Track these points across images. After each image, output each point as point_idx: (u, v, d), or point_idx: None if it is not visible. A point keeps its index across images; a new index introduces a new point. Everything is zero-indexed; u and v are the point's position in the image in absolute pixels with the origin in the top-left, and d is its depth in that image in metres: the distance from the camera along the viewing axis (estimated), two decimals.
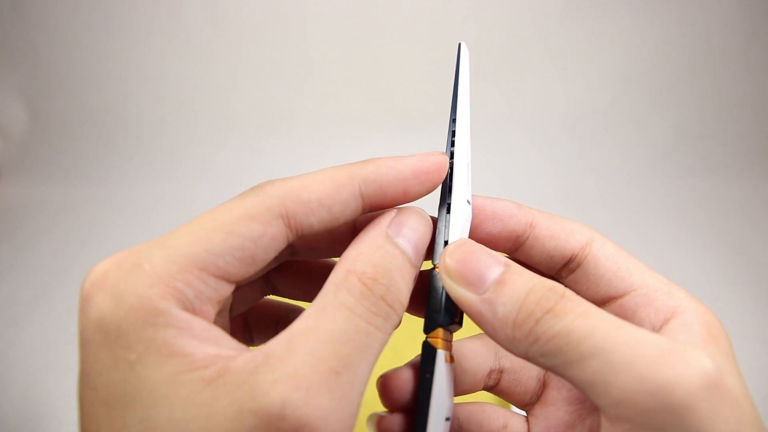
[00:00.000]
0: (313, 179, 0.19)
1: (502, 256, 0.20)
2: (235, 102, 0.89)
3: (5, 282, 0.64)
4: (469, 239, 0.21)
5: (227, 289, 0.18)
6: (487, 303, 0.18)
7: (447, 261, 0.19)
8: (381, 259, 0.18)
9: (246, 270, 0.18)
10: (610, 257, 0.22)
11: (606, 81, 0.87)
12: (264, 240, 0.18)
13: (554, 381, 0.24)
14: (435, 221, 0.22)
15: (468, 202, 0.22)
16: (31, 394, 0.49)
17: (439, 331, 0.20)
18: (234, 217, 0.17)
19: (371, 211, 0.20)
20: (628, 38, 0.85)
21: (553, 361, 0.17)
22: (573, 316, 0.17)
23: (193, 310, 0.17)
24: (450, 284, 0.19)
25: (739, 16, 0.84)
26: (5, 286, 0.64)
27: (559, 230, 0.22)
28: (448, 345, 0.21)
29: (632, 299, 0.21)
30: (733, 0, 0.83)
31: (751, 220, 0.76)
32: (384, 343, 0.17)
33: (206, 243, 0.17)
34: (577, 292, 0.20)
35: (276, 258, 0.19)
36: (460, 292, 0.19)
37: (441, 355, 0.20)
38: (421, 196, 0.20)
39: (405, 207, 0.20)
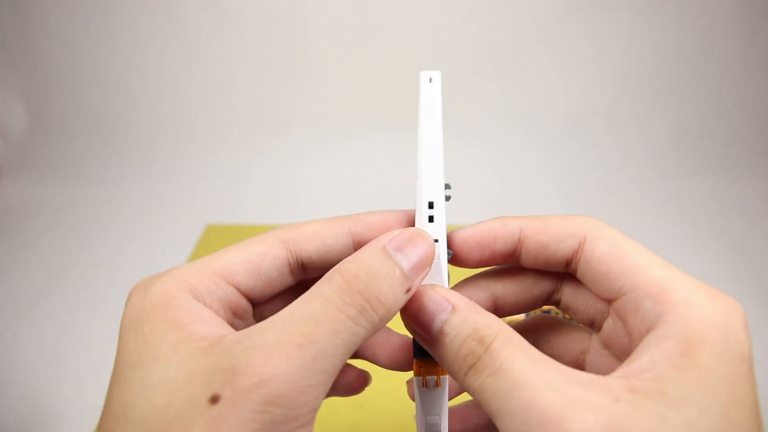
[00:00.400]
0: (311, 221, 0.24)
1: (455, 297, 0.21)
2: (235, 102, 0.89)
3: (5, 282, 0.64)
4: (425, 286, 0.22)
5: (237, 296, 0.22)
6: (434, 350, 0.21)
7: (403, 311, 0.21)
8: (367, 263, 0.20)
9: (253, 281, 0.22)
10: (601, 259, 0.21)
11: (606, 81, 0.87)
12: (267, 257, 0.23)
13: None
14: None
15: (436, 240, 0.22)
16: (31, 394, 0.49)
17: (415, 362, 0.23)
18: (247, 242, 0.23)
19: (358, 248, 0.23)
20: (628, 38, 0.85)
21: (483, 408, 0.19)
22: (486, 375, 0.18)
23: (205, 304, 0.21)
24: (408, 324, 0.22)
25: (739, 16, 0.84)
26: (5, 286, 0.64)
27: (549, 239, 0.23)
28: (429, 371, 0.23)
29: (623, 304, 0.21)
30: (733, 0, 0.83)
31: (751, 220, 0.76)
32: (359, 336, 0.19)
33: (222, 256, 0.22)
34: (586, 290, 0.23)
35: (287, 280, 0.24)
36: (418, 337, 0.21)
37: (415, 381, 0.23)
38: None
39: (409, 228, 0.22)
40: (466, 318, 0.20)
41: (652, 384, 0.17)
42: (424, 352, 0.22)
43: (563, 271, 0.24)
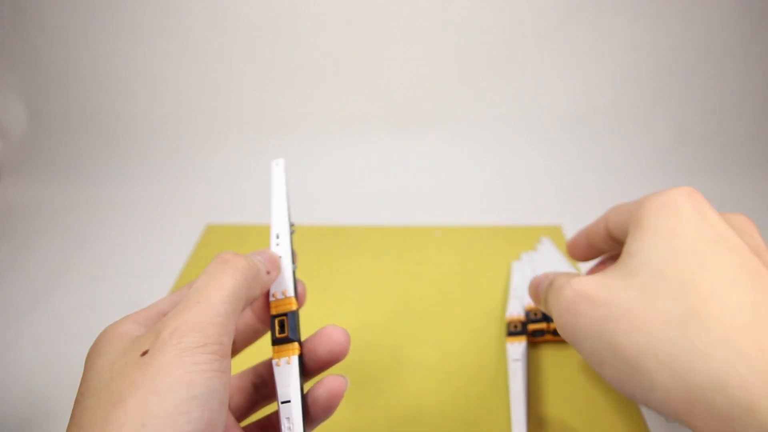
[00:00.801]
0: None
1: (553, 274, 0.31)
2: (236, 102, 0.89)
3: (5, 282, 0.64)
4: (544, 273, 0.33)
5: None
6: (544, 299, 0.31)
7: (529, 290, 0.35)
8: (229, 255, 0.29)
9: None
10: (617, 209, 0.34)
11: (606, 81, 0.87)
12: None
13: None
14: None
15: None
16: (31, 394, 0.49)
17: (273, 348, 0.29)
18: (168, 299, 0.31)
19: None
20: (628, 38, 0.85)
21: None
22: (558, 284, 0.29)
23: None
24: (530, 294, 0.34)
25: (739, 16, 0.84)
26: (5, 286, 0.64)
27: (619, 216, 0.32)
28: (280, 354, 0.29)
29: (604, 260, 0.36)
30: (733, 0, 0.83)
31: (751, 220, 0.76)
32: (238, 284, 0.27)
33: (164, 302, 0.30)
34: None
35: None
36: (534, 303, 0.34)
37: (273, 363, 0.29)
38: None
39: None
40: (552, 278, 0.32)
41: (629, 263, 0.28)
42: (276, 337, 0.29)
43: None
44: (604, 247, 0.35)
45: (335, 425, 0.44)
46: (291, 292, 0.31)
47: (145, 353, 0.22)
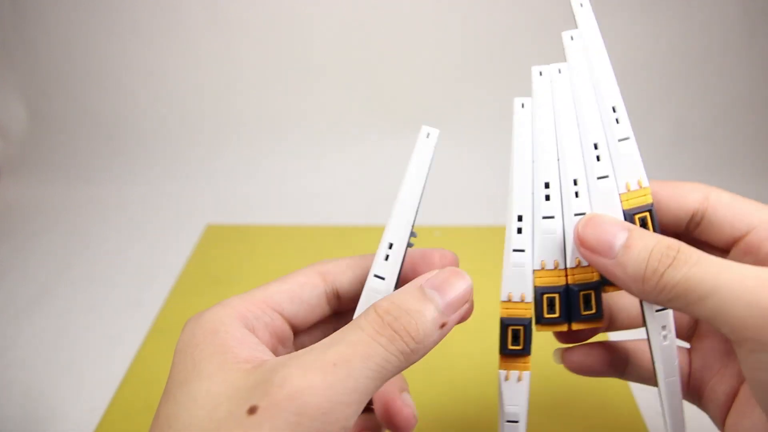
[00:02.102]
0: (349, 257, 0.27)
1: (625, 223, 0.24)
2: (236, 103, 0.89)
3: (5, 282, 0.64)
4: (595, 213, 0.25)
5: (281, 322, 0.25)
6: (618, 266, 0.23)
7: (580, 236, 0.24)
8: (402, 300, 0.22)
9: (296, 308, 0.25)
10: (728, 205, 0.26)
11: None
12: (307, 287, 0.25)
13: None
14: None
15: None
16: (31, 394, 0.49)
17: (500, 357, 0.27)
18: (289, 275, 0.26)
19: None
20: (628, 38, 0.85)
21: (679, 303, 0.21)
22: (689, 266, 0.21)
23: (253, 330, 0.23)
24: (586, 254, 0.24)
25: (739, 16, 0.84)
26: (5, 286, 0.64)
27: (677, 194, 0.27)
28: (511, 366, 0.26)
29: (755, 235, 0.25)
30: (733, 0, 0.83)
31: None
32: (390, 363, 0.20)
33: (267, 287, 0.25)
34: (707, 240, 0.27)
35: (324, 309, 0.26)
36: (595, 260, 0.24)
37: (499, 374, 0.26)
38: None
39: (448, 268, 0.24)
40: (644, 234, 0.23)
41: None
42: (507, 346, 0.26)
43: (683, 230, 0.27)
44: None
45: None
46: (529, 297, 0.26)
47: (253, 411, 0.18)
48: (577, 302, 0.26)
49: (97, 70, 0.87)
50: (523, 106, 0.28)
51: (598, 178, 0.26)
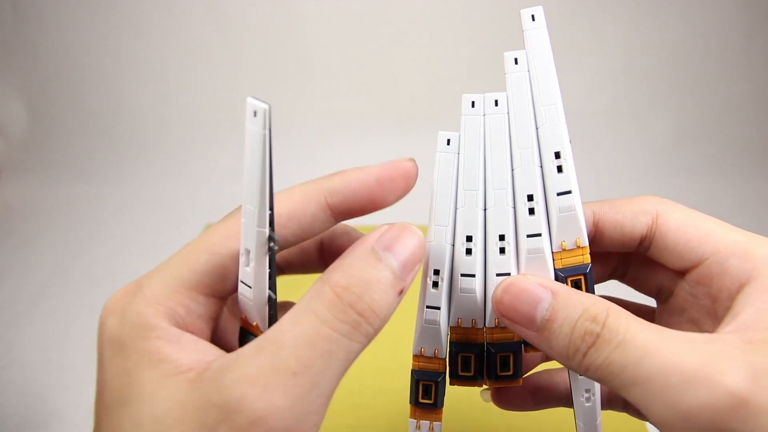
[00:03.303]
0: (283, 195, 0.21)
1: (550, 282, 0.21)
2: (236, 102, 0.89)
3: (5, 282, 0.64)
4: (516, 277, 0.21)
5: (217, 304, 0.21)
6: (541, 340, 0.20)
7: (498, 305, 0.21)
8: (359, 270, 0.19)
9: (231, 285, 0.21)
10: (678, 230, 0.23)
11: (606, 81, 0.87)
12: (237, 256, 0.20)
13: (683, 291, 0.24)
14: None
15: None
16: (31, 394, 0.49)
17: (411, 407, 0.24)
18: (215, 239, 0.20)
19: (342, 220, 0.22)
20: (628, 38, 0.85)
21: (605, 384, 0.19)
22: (611, 348, 0.18)
23: (185, 327, 0.20)
24: (507, 323, 0.21)
25: (739, 16, 0.84)
26: (5, 286, 0.64)
27: (622, 218, 0.24)
28: (424, 417, 0.24)
29: (707, 268, 0.22)
30: (733, 0, 0.83)
31: (751, 220, 0.76)
32: (354, 351, 0.18)
33: (193, 264, 0.20)
34: (659, 263, 0.24)
35: None
36: (516, 329, 0.21)
37: (409, 423, 0.24)
38: (390, 204, 0.21)
39: (396, 223, 0.21)
40: (570, 300, 0.20)
41: (765, 334, 0.18)
42: (418, 399, 0.24)
43: (634, 251, 0.24)
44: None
45: (336, 425, 0.44)
46: (443, 353, 0.23)
47: None
48: (494, 362, 0.24)
49: (97, 70, 0.87)
50: (448, 142, 0.24)
51: (529, 235, 0.22)
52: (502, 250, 0.23)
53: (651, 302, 0.27)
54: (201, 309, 0.20)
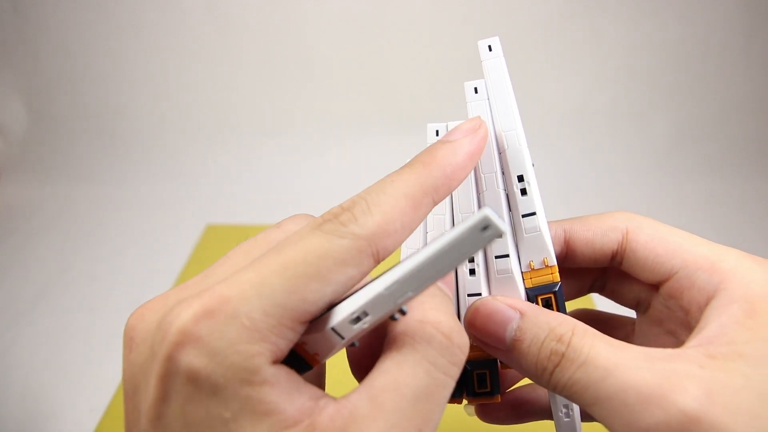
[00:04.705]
0: (391, 205, 0.18)
1: (518, 303, 0.21)
2: (236, 102, 0.89)
3: (5, 282, 0.64)
4: (485, 299, 0.22)
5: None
6: (512, 359, 0.21)
7: (469, 326, 0.21)
8: (447, 311, 0.18)
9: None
10: (647, 245, 0.23)
11: (606, 81, 0.87)
12: (357, 282, 0.18)
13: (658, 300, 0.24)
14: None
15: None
16: (31, 394, 0.49)
17: None
18: (329, 264, 0.17)
19: None
20: (628, 38, 0.85)
21: (573, 402, 0.19)
22: (574, 368, 0.19)
23: (280, 358, 0.17)
24: (478, 343, 0.22)
25: (739, 16, 0.84)
26: (5, 286, 0.64)
27: (594, 235, 0.24)
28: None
29: (677, 282, 0.22)
30: (733, 0, 0.83)
31: (751, 220, 0.76)
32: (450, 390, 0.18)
33: (303, 292, 0.16)
34: (632, 277, 0.24)
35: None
36: (488, 350, 0.22)
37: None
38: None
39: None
40: (537, 321, 0.20)
41: (727, 348, 0.18)
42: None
43: (607, 266, 0.25)
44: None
45: None
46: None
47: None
48: (471, 380, 0.24)
49: (97, 70, 0.87)
50: None
51: (497, 257, 0.23)
52: (472, 272, 0.23)
53: (633, 314, 0.27)
54: (295, 338, 0.17)
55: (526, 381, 0.29)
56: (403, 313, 0.18)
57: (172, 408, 0.16)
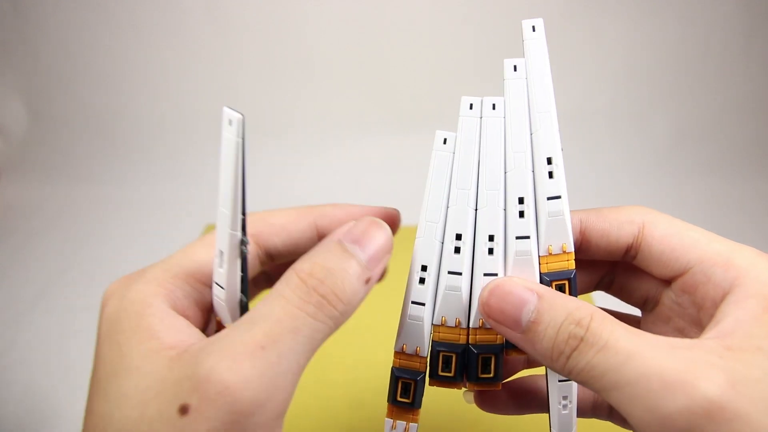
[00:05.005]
0: (280, 211, 0.25)
1: (536, 285, 0.21)
2: (236, 102, 0.89)
3: (5, 282, 0.64)
4: (502, 279, 0.22)
5: (210, 293, 0.23)
6: (526, 341, 0.20)
7: (485, 305, 0.21)
8: (322, 259, 0.20)
9: None
10: (663, 239, 0.23)
11: (606, 81, 0.87)
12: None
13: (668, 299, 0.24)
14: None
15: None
16: (31, 394, 0.49)
17: (388, 406, 0.24)
18: (214, 237, 0.22)
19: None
20: (628, 38, 0.85)
21: (588, 387, 0.19)
22: (593, 352, 0.18)
23: (182, 311, 0.22)
24: (492, 324, 0.21)
25: (739, 16, 0.84)
26: (5, 286, 0.64)
27: (609, 227, 0.24)
28: (401, 417, 0.24)
29: (691, 277, 0.22)
30: (733, 0, 0.83)
31: (752, 219, 0.76)
32: (319, 331, 0.19)
33: (193, 256, 0.22)
34: (646, 272, 0.24)
35: (256, 269, 0.25)
36: (502, 331, 0.21)
37: (386, 423, 0.24)
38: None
39: (365, 218, 0.22)
40: (555, 303, 0.20)
41: (745, 341, 0.18)
42: (396, 398, 0.24)
43: (619, 260, 0.25)
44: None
45: (335, 425, 0.44)
46: (425, 351, 0.24)
47: (184, 410, 0.17)
48: (475, 364, 0.24)
49: (97, 70, 0.87)
50: (445, 141, 0.24)
51: (518, 237, 0.23)
52: (490, 251, 0.23)
53: (637, 312, 0.27)
54: (197, 296, 0.22)
55: (525, 373, 0.29)
56: (244, 243, 0.21)
57: (99, 344, 0.21)
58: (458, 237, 0.23)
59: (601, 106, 0.88)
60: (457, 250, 0.23)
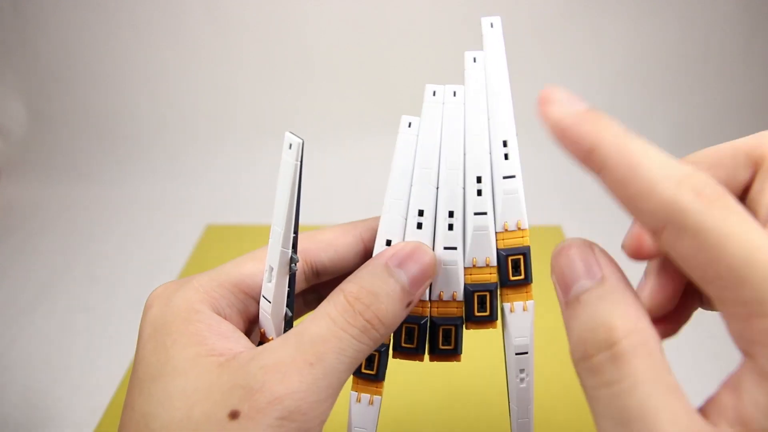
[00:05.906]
0: (328, 227, 0.26)
1: (609, 267, 0.18)
2: (236, 102, 0.89)
3: (5, 282, 0.64)
4: (579, 244, 0.19)
5: (255, 306, 0.24)
6: (566, 313, 0.18)
7: (552, 260, 0.19)
8: (369, 283, 0.21)
9: None
10: None
11: (606, 81, 0.87)
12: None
13: None
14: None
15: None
16: (31, 394, 0.49)
17: (353, 377, 0.25)
18: (263, 253, 0.24)
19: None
20: (628, 38, 0.85)
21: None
22: (601, 382, 0.16)
23: (225, 316, 0.22)
24: (552, 278, 0.19)
25: (739, 16, 0.84)
26: (5, 286, 0.64)
27: (728, 166, 0.21)
28: (364, 389, 0.25)
29: None
30: (733, 0, 0.83)
31: None
32: (362, 351, 0.21)
33: (241, 268, 0.24)
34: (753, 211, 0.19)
35: (301, 285, 0.25)
36: (557, 291, 0.19)
37: (351, 395, 0.25)
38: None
39: (411, 241, 0.23)
40: (606, 297, 0.17)
41: None
42: (360, 369, 0.25)
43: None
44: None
45: (335, 425, 0.44)
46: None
47: (234, 415, 0.18)
48: (436, 335, 0.25)
49: (97, 70, 0.87)
50: (410, 125, 0.26)
51: (476, 213, 0.24)
52: (450, 226, 0.24)
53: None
54: (241, 306, 0.23)
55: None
56: (294, 261, 0.22)
57: (141, 346, 0.21)
58: (420, 213, 0.24)
59: (601, 106, 0.87)
60: (420, 225, 0.24)
